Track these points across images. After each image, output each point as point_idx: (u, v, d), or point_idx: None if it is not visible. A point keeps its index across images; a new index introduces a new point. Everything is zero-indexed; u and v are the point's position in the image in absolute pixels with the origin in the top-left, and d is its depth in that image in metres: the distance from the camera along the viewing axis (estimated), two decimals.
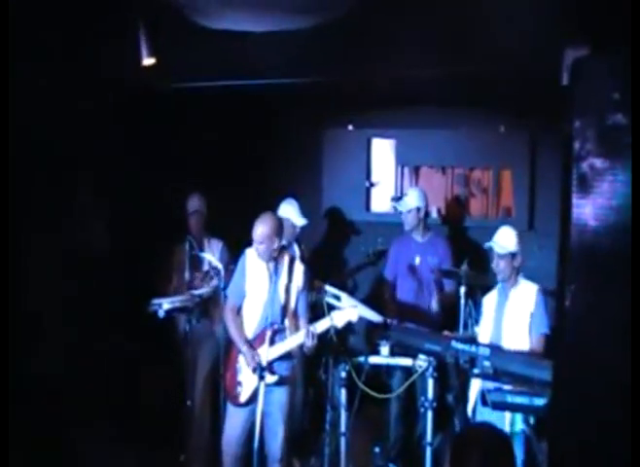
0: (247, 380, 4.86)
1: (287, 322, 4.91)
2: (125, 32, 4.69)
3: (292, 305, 4.92)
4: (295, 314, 4.95)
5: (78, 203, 5.51)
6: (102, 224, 5.71)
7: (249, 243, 4.92)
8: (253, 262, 4.94)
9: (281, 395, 4.87)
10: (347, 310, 4.81)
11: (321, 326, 4.79)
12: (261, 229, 4.77)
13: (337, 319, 4.75)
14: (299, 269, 4.96)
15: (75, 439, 5.04)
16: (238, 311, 4.98)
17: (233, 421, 4.91)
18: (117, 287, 5.65)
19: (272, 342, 4.77)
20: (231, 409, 4.96)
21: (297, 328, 4.91)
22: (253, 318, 4.94)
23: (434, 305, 5.75)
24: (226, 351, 5.12)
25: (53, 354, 5.06)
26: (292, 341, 4.82)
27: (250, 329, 4.94)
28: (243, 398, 4.88)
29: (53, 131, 5.02)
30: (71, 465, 4.97)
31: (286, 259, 4.96)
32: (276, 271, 4.89)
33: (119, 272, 5.68)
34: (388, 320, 5.41)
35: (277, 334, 4.84)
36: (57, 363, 5.04)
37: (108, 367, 5.51)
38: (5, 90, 4.14)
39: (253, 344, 4.85)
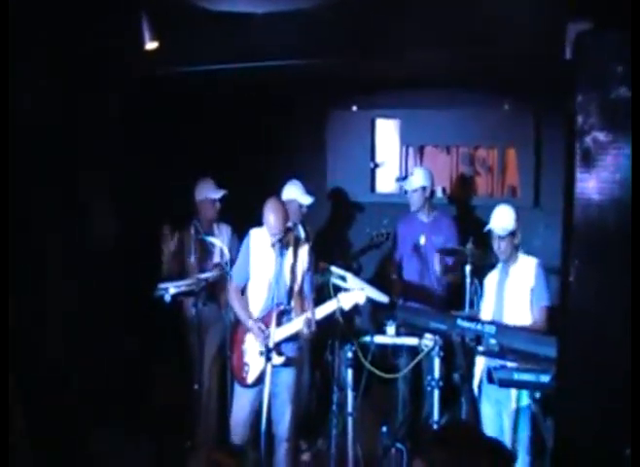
0: (254, 362, 4.88)
1: (293, 303, 4.93)
2: (128, 16, 4.67)
3: (297, 285, 4.93)
4: (301, 295, 4.96)
5: (84, 188, 5.52)
6: (109, 209, 5.73)
7: (254, 225, 4.92)
8: (257, 243, 4.94)
9: (288, 376, 4.90)
10: (354, 292, 4.81)
11: (327, 308, 4.80)
12: (272, 218, 4.74)
13: (344, 301, 4.75)
14: (304, 249, 4.97)
15: (81, 424, 5.08)
16: (243, 292, 5.00)
17: (241, 402, 4.95)
18: (124, 272, 5.66)
19: (279, 324, 4.79)
20: (238, 390, 5.00)
21: (303, 309, 4.93)
22: (259, 299, 4.96)
23: (438, 285, 5.76)
24: (232, 333, 5.14)
25: (61, 341, 5.09)
26: (298, 323, 4.83)
27: (256, 310, 4.96)
28: (250, 379, 4.91)
29: (56, 118, 5.03)
30: (76, 449, 5.00)
31: (291, 239, 4.96)
32: (282, 252, 4.87)
33: (125, 258, 5.69)
34: (394, 300, 5.43)
35: (284, 315, 4.86)
36: (64, 349, 5.07)
37: (115, 352, 5.54)
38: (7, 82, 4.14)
39: (273, 330, 4.81)
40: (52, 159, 5.05)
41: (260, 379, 4.80)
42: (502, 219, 4.94)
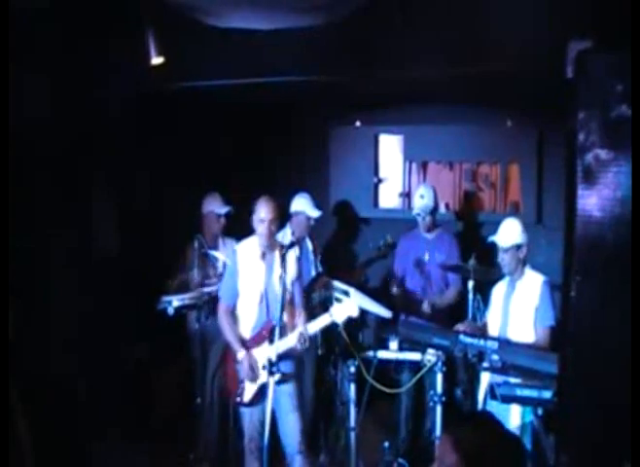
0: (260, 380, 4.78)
1: (285, 317, 4.79)
2: (134, 32, 4.72)
3: (288, 296, 4.81)
4: (292, 306, 4.89)
5: (89, 203, 5.56)
6: (113, 223, 5.76)
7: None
8: (245, 257, 4.89)
9: (289, 388, 4.81)
10: (346, 305, 4.79)
11: (320, 323, 4.79)
12: (264, 207, 4.74)
13: (337, 314, 4.73)
14: (291, 258, 4.86)
15: (85, 437, 5.09)
16: (233, 312, 4.93)
17: (251, 420, 4.83)
18: (126, 285, 5.69)
19: (272, 341, 4.67)
20: (242, 410, 4.88)
21: (295, 322, 4.86)
22: (250, 316, 4.87)
23: (440, 301, 5.78)
24: (223, 354, 5.08)
25: (64, 353, 5.11)
26: (292, 339, 4.75)
27: (247, 328, 4.87)
28: (247, 398, 4.81)
29: (63, 132, 5.08)
30: (79, 462, 5.00)
31: (277, 252, 4.86)
32: (270, 265, 4.84)
33: (129, 271, 5.72)
34: (397, 315, 5.44)
35: (275, 331, 4.70)
36: (68, 363, 5.09)
37: (118, 365, 5.55)
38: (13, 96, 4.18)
39: (252, 344, 4.79)
40: (60, 172, 5.10)
41: (257, 397, 4.74)
42: (507, 232, 4.94)
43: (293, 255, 4.90)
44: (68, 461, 4.91)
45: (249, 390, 4.81)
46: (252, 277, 4.86)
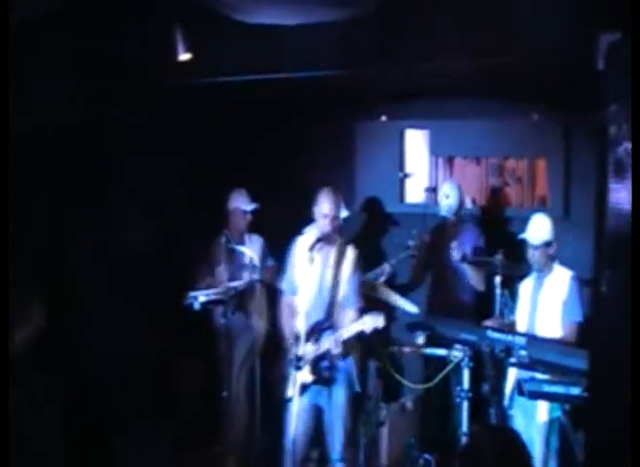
0: (293, 376, 4.77)
1: (335, 315, 4.77)
2: (161, 28, 4.74)
3: (340, 296, 4.79)
4: (343, 305, 4.82)
5: (117, 199, 5.60)
6: (141, 218, 5.79)
7: (291, 237, 4.90)
8: (302, 251, 4.83)
9: (337, 396, 4.78)
10: (376, 317, 4.65)
11: (353, 329, 4.70)
12: (327, 202, 4.72)
13: (368, 324, 4.63)
14: (349, 256, 4.82)
15: (110, 431, 5.13)
16: (293, 305, 4.91)
17: (294, 419, 4.76)
18: (153, 281, 5.72)
19: (310, 337, 4.72)
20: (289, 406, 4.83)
21: (341, 323, 4.81)
22: (305, 311, 4.81)
23: (466, 296, 5.75)
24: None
25: (91, 349, 5.15)
26: (327, 342, 4.73)
27: (302, 322, 4.80)
28: (290, 393, 4.78)
29: (90, 127, 5.11)
30: (106, 456, 5.04)
31: (335, 248, 4.83)
32: (326, 260, 4.81)
33: (155, 266, 5.75)
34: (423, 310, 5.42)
35: (323, 330, 4.74)
36: (95, 358, 5.13)
37: (145, 360, 5.59)
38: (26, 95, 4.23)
39: (302, 341, 4.75)
40: (86, 168, 5.14)
41: (300, 393, 4.66)
42: (537, 229, 4.91)
43: (351, 252, 4.84)
44: (94, 455, 4.95)
45: (293, 386, 4.76)
46: (308, 271, 4.77)
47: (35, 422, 4.21)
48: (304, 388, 4.68)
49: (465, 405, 4.82)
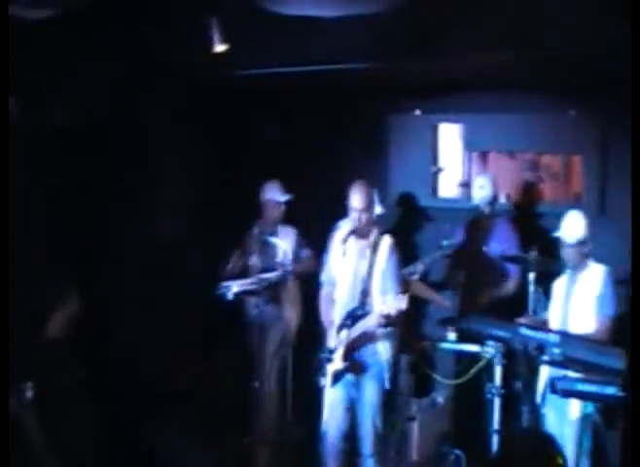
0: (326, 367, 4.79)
1: (369, 304, 4.72)
2: (198, 19, 4.75)
3: (375, 285, 4.75)
4: (381, 294, 4.73)
5: (152, 191, 5.65)
6: (177, 210, 5.84)
7: (326, 230, 4.90)
8: (338, 243, 4.86)
9: (369, 391, 4.77)
10: (398, 299, 4.52)
11: (375, 313, 4.60)
12: (357, 195, 4.71)
13: (389, 305, 4.50)
14: (385, 244, 4.78)
15: (143, 422, 5.19)
16: (332, 297, 4.90)
17: (326, 412, 4.82)
18: (187, 270, 5.77)
19: (341, 329, 4.70)
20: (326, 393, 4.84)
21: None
22: (342, 302, 4.83)
23: (499, 292, 5.72)
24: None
25: (125, 339, 5.21)
26: (357, 329, 4.68)
27: (339, 314, 4.81)
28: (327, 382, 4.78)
29: (128, 120, 5.16)
30: (136, 445, 5.10)
31: (369, 240, 4.80)
32: (362, 252, 4.79)
33: (189, 256, 5.80)
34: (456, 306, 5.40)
35: (356, 319, 4.68)
36: (127, 348, 5.19)
37: (176, 349, 5.64)
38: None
39: (335, 332, 4.76)
40: (124, 162, 5.19)
41: (334, 383, 4.70)
42: (571, 227, 4.87)
43: (386, 243, 4.80)
44: (126, 444, 5.01)
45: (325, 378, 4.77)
46: (342, 263, 4.82)
47: (72, 409, 4.26)
48: (337, 378, 4.69)
49: (497, 402, 4.80)
